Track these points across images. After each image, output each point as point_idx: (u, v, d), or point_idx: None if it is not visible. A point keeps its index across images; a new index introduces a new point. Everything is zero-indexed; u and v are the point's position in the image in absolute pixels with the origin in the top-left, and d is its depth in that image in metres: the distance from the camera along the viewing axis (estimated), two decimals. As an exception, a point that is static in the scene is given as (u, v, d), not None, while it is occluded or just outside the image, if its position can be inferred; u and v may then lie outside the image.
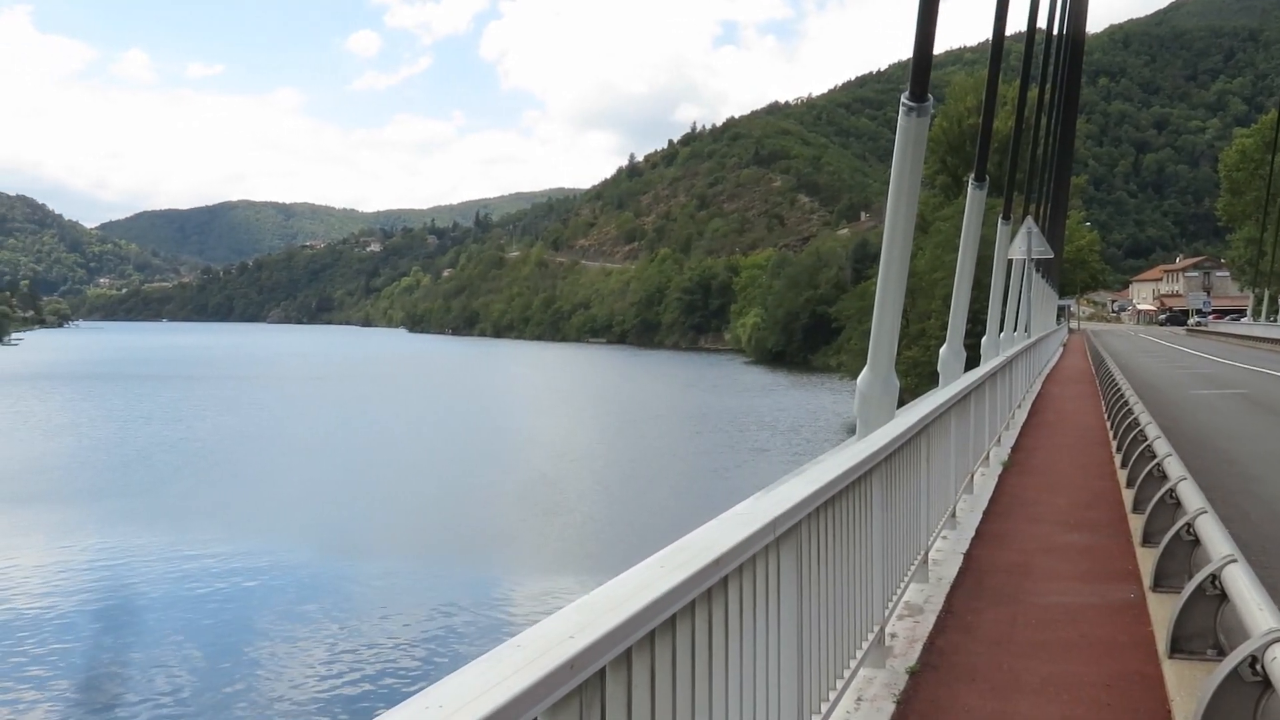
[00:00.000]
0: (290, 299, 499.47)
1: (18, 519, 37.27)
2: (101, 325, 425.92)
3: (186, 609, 25.68)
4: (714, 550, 3.38)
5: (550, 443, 58.65)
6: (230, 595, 26.93)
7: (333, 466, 51.56)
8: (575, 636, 2.46)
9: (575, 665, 2.38)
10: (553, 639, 2.43)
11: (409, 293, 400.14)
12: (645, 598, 2.83)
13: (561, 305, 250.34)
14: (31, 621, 24.29)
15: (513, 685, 2.13)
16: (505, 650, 2.36)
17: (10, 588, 27.27)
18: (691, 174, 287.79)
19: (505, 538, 35.65)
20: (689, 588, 3.11)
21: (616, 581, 3.01)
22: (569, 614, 2.66)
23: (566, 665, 2.33)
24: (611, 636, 2.58)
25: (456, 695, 2.05)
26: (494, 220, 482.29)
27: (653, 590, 2.90)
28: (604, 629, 2.55)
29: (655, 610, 2.87)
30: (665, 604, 2.94)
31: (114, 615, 25.10)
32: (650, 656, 2.92)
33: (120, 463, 50.97)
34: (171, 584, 27.87)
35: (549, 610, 2.46)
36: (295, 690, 20.03)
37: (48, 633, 23.53)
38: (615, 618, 2.63)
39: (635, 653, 2.79)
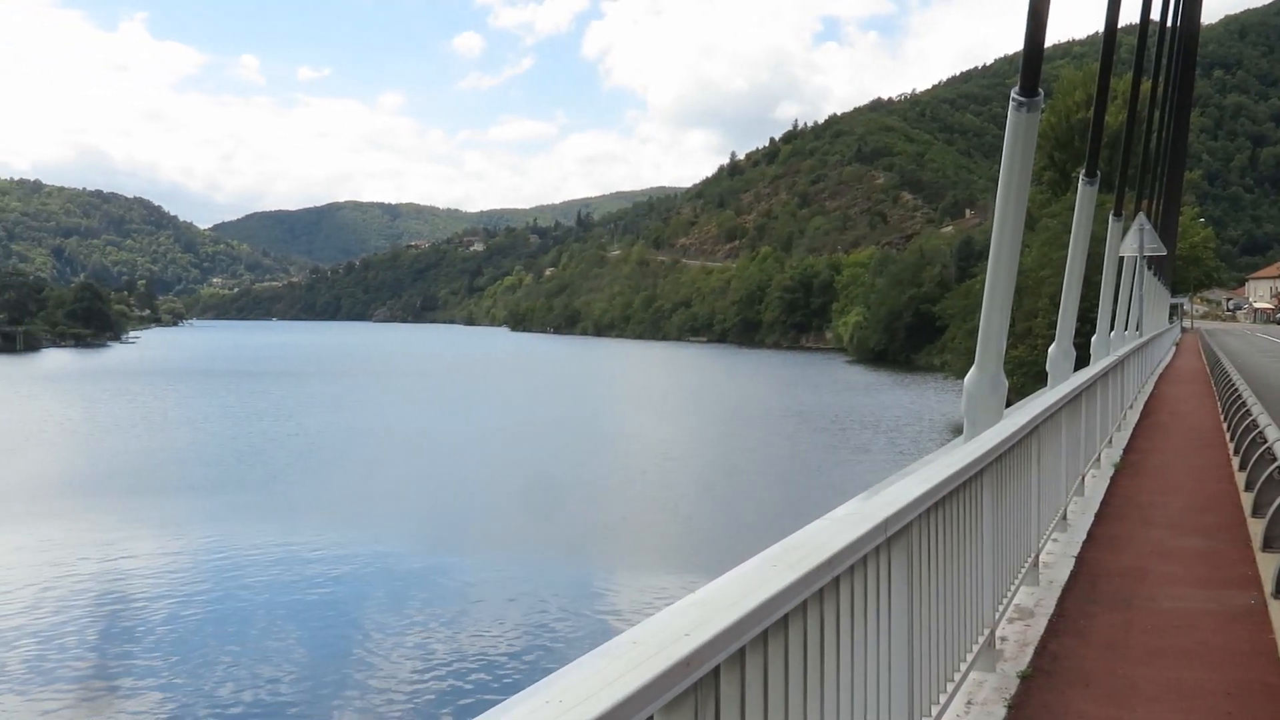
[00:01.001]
0: (395, 298, 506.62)
1: (135, 511, 38.33)
2: (214, 324, 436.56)
3: (293, 601, 26.16)
4: (826, 550, 3.37)
5: (651, 441, 58.72)
6: (336, 588, 27.39)
7: (437, 463, 52.22)
8: (691, 634, 2.45)
9: (691, 663, 2.37)
10: (668, 635, 2.42)
11: (511, 292, 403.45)
12: (759, 596, 2.81)
13: (662, 304, 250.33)
14: (145, 610, 24.96)
15: (630, 681, 2.12)
16: (621, 646, 2.35)
17: (127, 578, 28.07)
18: (793, 172, 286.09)
19: (606, 535, 35.79)
20: (802, 587, 3.10)
21: (728, 579, 3.00)
22: (683, 611, 2.65)
23: (683, 663, 2.33)
24: (726, 635, 2.57)
25: (575, 690, 2.04)
26: (595, 219, 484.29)
27: (766, 589, 2.88)
28: (719, 627, 2.54)
29: (769, 609, 2.86)
30: (779, 603, 2.93)
31: (223, 606, 25.69)
32: (763, 656, 2.91)
33: (232, 458, 52.21)
34: (279, 577, 28.42)
35: (650, 607, 2.48)
36: (401, 684, 20.30)
37: (160, 621, 24.16)
38: (730, 616, 2.62)
39: (749, 651, 2.78)
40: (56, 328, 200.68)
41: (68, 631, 23.35)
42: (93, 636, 23.05)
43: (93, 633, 23.31)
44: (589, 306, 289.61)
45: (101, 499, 40.94)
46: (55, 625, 23.80)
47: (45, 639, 22.81)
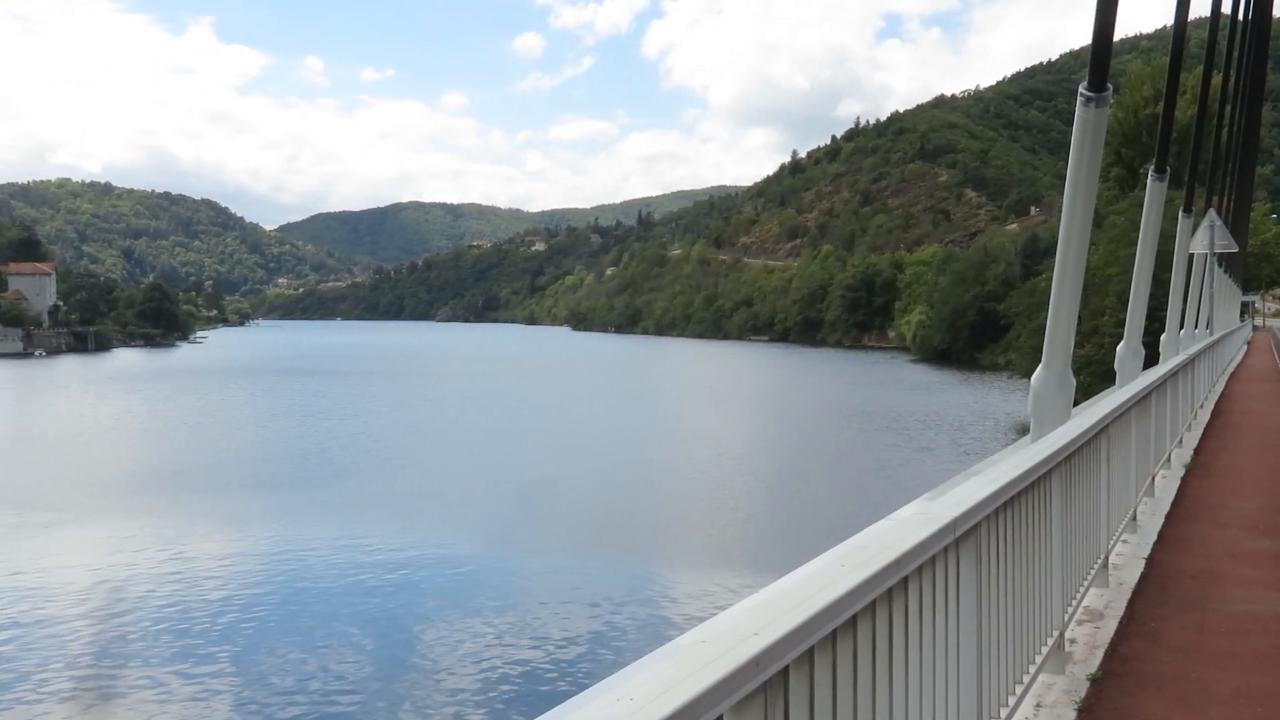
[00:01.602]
0: (458, 298, 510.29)
1: (203, 508, 38.89)
2: (279, 324, 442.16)
3: (357, 598, 26.38)
4: (895, 550, 3.34)
5: (713, 440, 58.64)
6: (399, 585, 27.60)
7: (500, 460, 52.48)
8: (760, 633, 2.44)
9: (760, 662, 2.36)
10: (737, 635, 2.41)
11: (572, 291, 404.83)
12: (827, 596, 2.80)
13: (723, 303, 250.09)
14: (211, 605, 25.30)
15: (700, 680, 2.12)
16: (690, 645, 2.34)
17: (195, 574, 28.48)
18: (855, 170, 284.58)
19: (668, 533, 35.81)
20: (870, 587, 3.07)
21: (795, 579, 2.98)
22: (751, 610, 2.64)
23: (752, 662, 2.32)
24: (795, 634, 2.56)
25: (644, 689, 2.04)
26: (656, 219, 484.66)
27: (834, 589, 2.87)
28: (788, 627, 2.53)
29: (837, 609, 2.85)
30: (847, 603, 2.91)
31: (287, 601, 25.98)
32: (832, 656, 2.89)
33: (298, 456, 52.83)
34: (343, 573, 28.71)
35: (712, 606, 2.49)
36: (464, 681, 20.41)
37: (226, 616, 24.47)
38: (798, 615, 2.61)
39: (818, 652, 2.77)
40: (126, 328, 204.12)
41: (137, 625, 23.74)
42: (160, 630, 23.40)
43: (160, 627, 23.66)
44: (650, 306, 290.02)
45: (170, 496, 41.59)
46: (124, 619, 24.21)
47: (114, 632, 23.21)
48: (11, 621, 24.06)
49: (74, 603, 25.70)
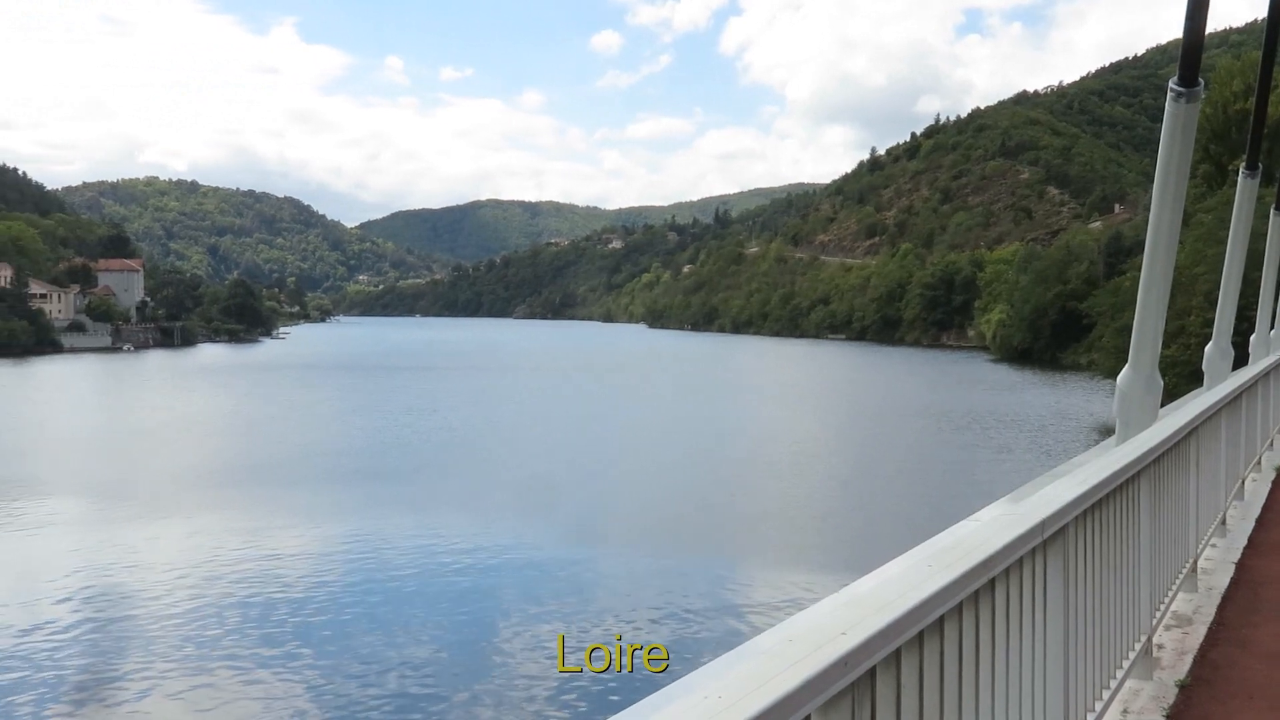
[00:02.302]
0: (535, 295, 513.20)
1: (286, 501, 39.53)
2: (359, 320, 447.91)
3: (435, 592, 26.61)
4: (982, 551, 3.31)
5: (789, 438, 58.43)
6: (478, 580, 27.80)
7: (577, 457, 52.70)
8: (847, 633, 2.43)
9: (848, 663, 2.36)
10: (824, 634, 2.40)
11: (649, 289, 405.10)
12: (915, 597, 2.78)
13: (800, 301, 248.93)
14: (293, 597, 25.66)
15: (789, 679, 2.11)
16: (776, 643, 2.33)
17: (277, 565, 28.92)
18: (934, 167, 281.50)
19: (743, 531, 35.73)
20: (957, 589, 3.05)
21: (882, 579, 2.96)
22: (838, 609, 2.63)
23: (840, 662, 2.31)
24: (883, 635, 2.55)
25: (732, 687, 2.03)
26: (733, 216, 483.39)
27: (922, 590, 2.85)
28: (876, 627, 2.52)
29: (925, 610, 2.82)
30: (934, 604, 2.89)
31: (367, 593, 26.28)
32: (919, 658, 2.88)
33: (379, 450, 53.45)
34: (422, 566, 28.98)
35: (788, 604, 2.48)
36: (540, 677, 20.50)
37: (307, 608, 24.81)
38: (886, 616, 2.59)
39: (904, 653, 2.76)
40: (211, 323, 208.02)
41: (221, 615, 24.15)
42: (243, 620, 23.78)
43: (244, 616, 24.05)
44: (726, 303, 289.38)
45: (255, 489, 42.30)
46: (208, 609, 24.65)
47: (199, 622, 23.64)
48: (102, 610, 24.62)
49: (160, 592, 26.24)
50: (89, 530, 34.73)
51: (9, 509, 37.04)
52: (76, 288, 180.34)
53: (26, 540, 32.90)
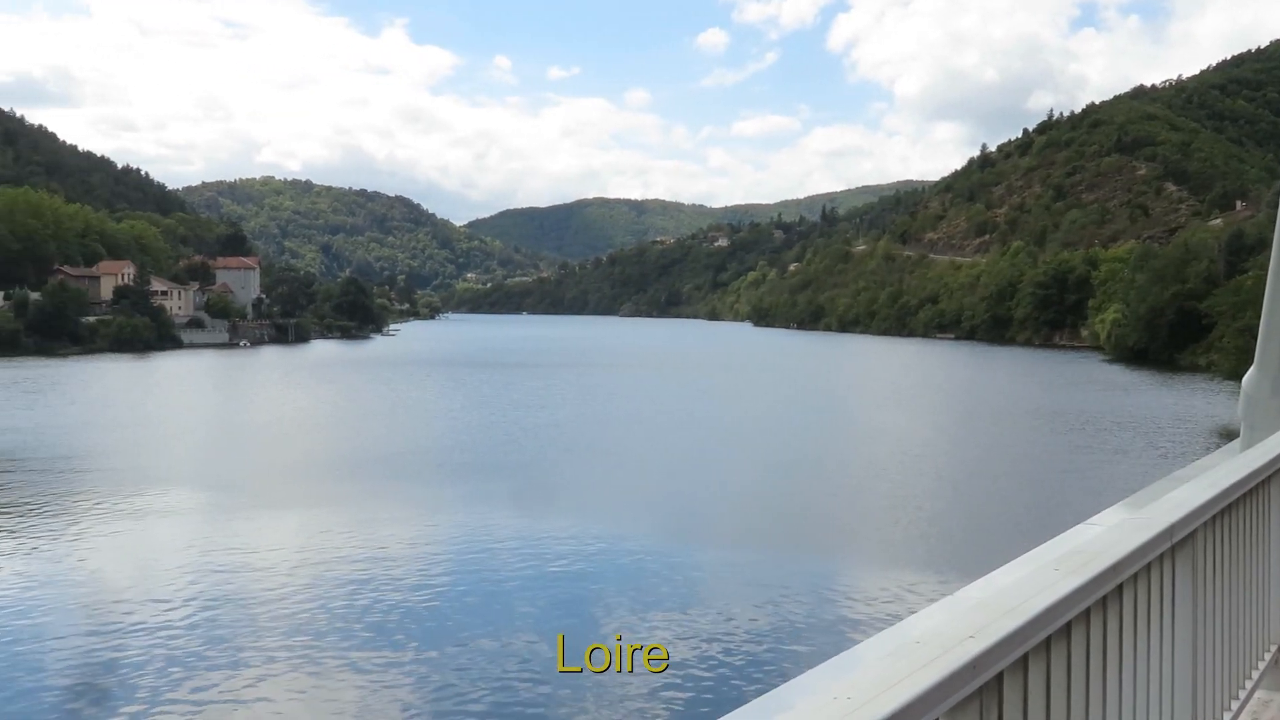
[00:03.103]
0: (641, 293, 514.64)
1: (395, 494, 40.23)
2: (468, 317, 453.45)
3: (539, 587, 26.83)
4: (1110, 555, 3.26)
5: (896, 437, 57.88)
6: (581, 576, 27.95)
7: (681, 453, 52.79)
8: (976, 636, 2.40)
9: (977, 666, 2.33)
10: (953, 637, 2.37)
11: (755, 287, 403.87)
12: (1043, 601, 2.73)
13: (908, 300, 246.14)
14: (398, 591, 26.10)
15: (918, 682, 2.09)
16: (904, 644, 2.30)
17: (384, 559, 29.44)
18: (1047, 163, 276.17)
19: (849, 530, 35.51)
20: (1086, 593, 3.01)
21: (1007, 581, 2.92)
22: (965, 612, 2.58)
23: (969, 666, 2.28)
24: (1011, 639, 2.51)
25: (861, 687, 2.02)
26: (840, 214, 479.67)
27: (1050, 594, 2.80)
28: (1004, 631, 2.48)
29: (1053, 615, 2.78)
30: (1063, 609, 2.85)
31: (471, 589, 26.56)
32: (1046, 663, 2.83)
33: (486, 445, 54.12)
34: (525, 563, 29.21)
35: (898, 605, 2.45)
36: (642, 675, 20.59)
37: (411, 602, 25.21)
38: (1014, 620, 2.56)
39: (1032, 658, 2.71)
40: (324, 320, 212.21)
41: (328, 606, 24.64)
42: (350, 612, 24.23)
43: (350, 608, 24.51)
44: (833, 302, 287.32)
45: (364, 482, 43.10)
46: (316, 601, 25.17)
47: (307, 613, 24.16)
48: (214, 600, 25.31)
49: (268, 582, 26.88)
50: (205, 521, 35.78)
51: (130, 500, 38.25)
52: (196, 285, 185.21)
53: (146, 530, 33.96)
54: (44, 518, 34.68)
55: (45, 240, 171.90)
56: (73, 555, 30.28)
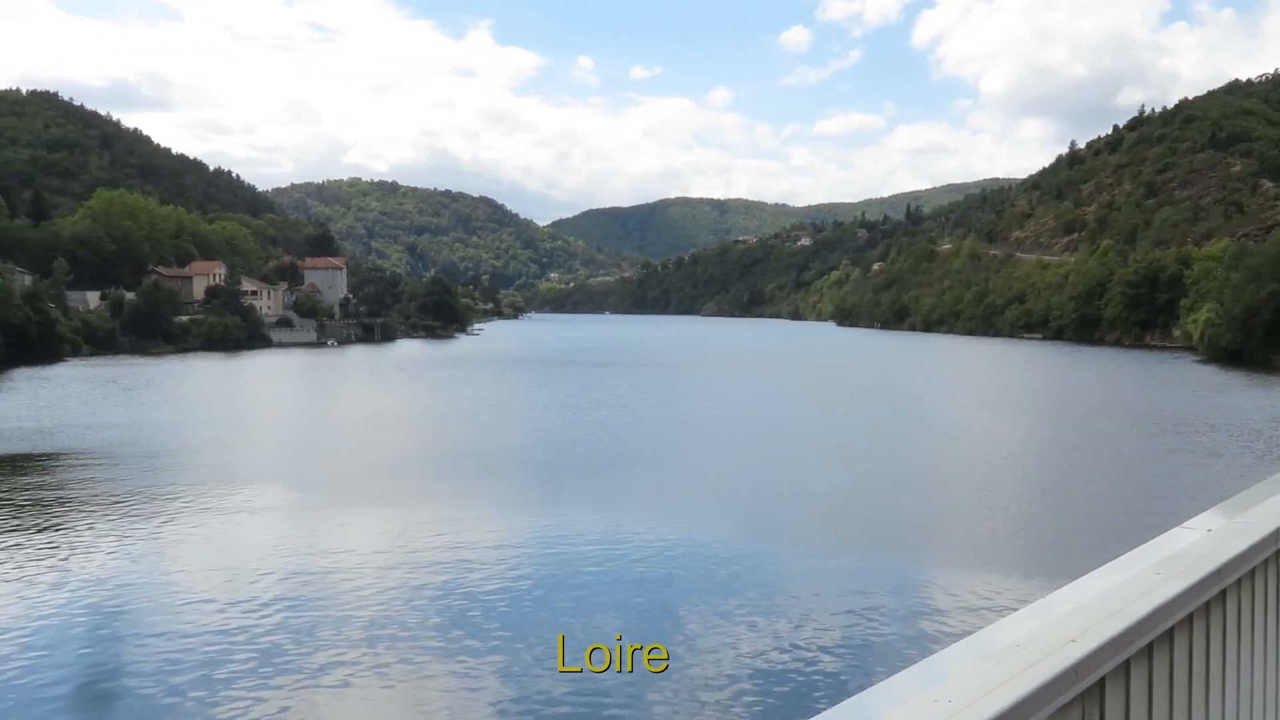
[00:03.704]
0: (723, 293, 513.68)
1: (478, 492, 40.58)
2: (550, 317, 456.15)
3: (620, 587, 26.89)
4: (1214, 560, 3.18)
5: (982, 438, 57.16)
6: (662, 575, 27.98)
7: (763, 453, 52.64)
8: (1077, 640, 2.36)
9: (1079, 671, 2.29)
10: (1054, 641, 2.33)
11: (838, 286, 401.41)
12: (1145, 606, 2.68)
13: (994, 299, 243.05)
14: (478, 588, 26.31)
15: (1019, 686, 2.06)
16: (1003, 648, 2.26)
17: (466, 556, 29.69)
18: (1138, 160, 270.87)
19: (933, 532, 35.13)
20: (1189, 598, 2.94)
21: (1107, 585, 2.84)
22: (1065, 615, 2.54)
23: (1071, 671, 2.25)
24: (1113, 644, 2.47)
25: (963, 690, 1.99)
26: (925, 213, 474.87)
27: (1152, 599, 2.75)
28: (1106, 635, 2.44)
29: (1155, 620, 2.73)
30: (1165, 614, 2.80)
31: (553, 589, 26.70)
32: (1148, 668, 2.78)
33: (569, 444, 54.38)
34: (605, 561, 29.31)
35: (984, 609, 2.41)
36: (721, 676, 20.51)
37: (491, 599, 25.39)
38: (1116, 625, 2.51)
39: (1134, 664, 2.67)
40: (410, 320, 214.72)
41: (410, 604, 24.92)
42: (430, 609, 24.48)
43: (430, 606, 24.75)
44: (917, 301, 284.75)
45: (447, 481, 43.54)
46: (397, 599, 25.48)
47: (389, 611, 24.46)
48: (297, 595, 25.71)
49: (349, 579, 27.26)
50: (289, 519, 36.36)
51: (220, 497, 39.01)
52: (285, 285, 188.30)
53: (235, 527, 34.58)
54: (137, 513, 35.50)
55: (140, 241, 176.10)
56: (162, 550, 30.95)
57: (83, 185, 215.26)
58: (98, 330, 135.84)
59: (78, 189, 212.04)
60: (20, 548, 30.29)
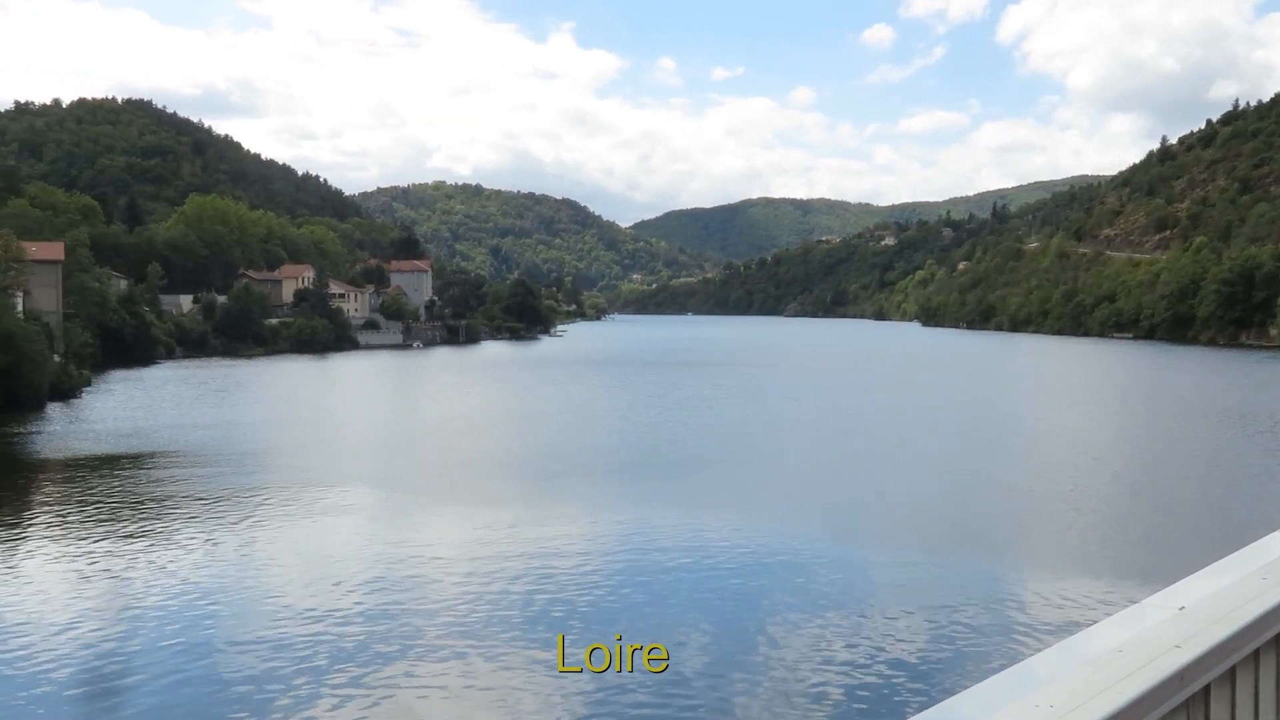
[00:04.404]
0: (806, 293, 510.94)
1: (561, 492, 40.81)
2: (633, 318, 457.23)
3: (702, 588, 26.83)
4: None
5: (1072, 439, 56.24)
6: (744, 576, 27.86)
7: (848, 453, 52.33)
8: (1182, 646, 2.30)
9: (1184, 678, 2.24)
10: (1157, 646, 2.28)
11: (923, 286, 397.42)
12: (1252, 611, 2.59)
13: (1084, 298, 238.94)
14: (559, 587, 26.45)
15: (1122, 693, 2.02)
16: (1104, 652, 2.21)
17: (550, 556, 29.87)
18: (1233, 155, 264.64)
19: (1021, 534, 34.65)
20: None
21: (1210, 589, 2.77)
22: (1168, 620, 2.48)
23: (1175, 676, 2.20)
24: (1219, 650, 2.40)
25: (1064, 696, 1.97)
26: (1011, 211, 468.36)
27: (1259, 603, 2.65)
28: (1213, 641, 2.37)
29: (1263, 626, 2.64)
30: (1272, 620, 2.70)
31: (635, 588, 26.77)
32: (1254, 676, 2.69)
33: (652, 444, 54.41)
34: (690, 561, 29.31)
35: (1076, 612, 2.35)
36: (806, 679, 20.38)
37: (574, 599, 25.52)
38: (1222, 630, 2.44)
39: (1239, 671, 2.59)
40: (494, 321, 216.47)
41: (494, 602, 25.14)
42: (514, 608, 24.67)
43: (514, 604, 24.95)
44: (1004, 301, 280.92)
45: (529, 481, 43.84)
46: (481, 597, 25.70)
47: (473, 608, 24.68)
48: (384, 595, 26.04)
49: (432, 579, 27.55)
50: (376, 518, 36.92)
51: (310, 496, 39.70)
52: (371, 287, 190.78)
53: (324, 525, 35.18)
54: (230, 513, 36.25)
55: (231, 245, 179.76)
56: (254, 549, 31.56)
57: (176, 191, 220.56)
58: (190, 333, 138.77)
59: (171, 195, 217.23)
60: (117, 547, 31.06)
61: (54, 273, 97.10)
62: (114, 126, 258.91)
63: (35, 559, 29.88)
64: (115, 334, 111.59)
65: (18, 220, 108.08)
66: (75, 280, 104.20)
